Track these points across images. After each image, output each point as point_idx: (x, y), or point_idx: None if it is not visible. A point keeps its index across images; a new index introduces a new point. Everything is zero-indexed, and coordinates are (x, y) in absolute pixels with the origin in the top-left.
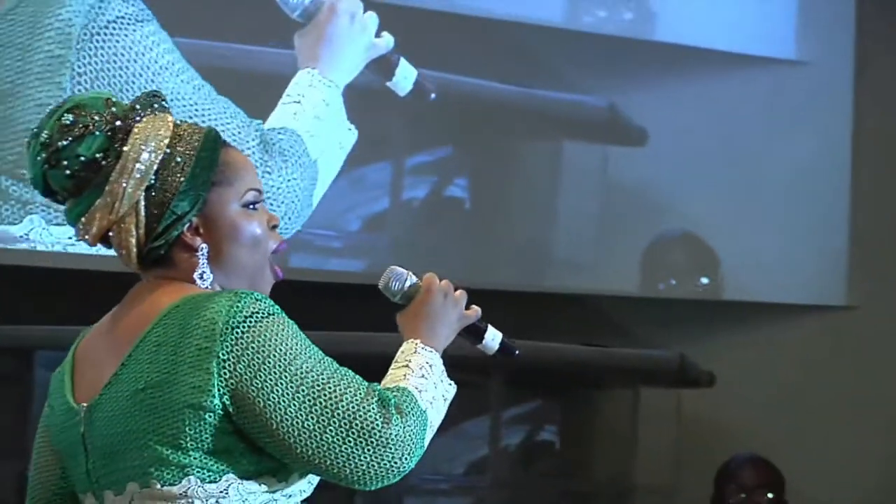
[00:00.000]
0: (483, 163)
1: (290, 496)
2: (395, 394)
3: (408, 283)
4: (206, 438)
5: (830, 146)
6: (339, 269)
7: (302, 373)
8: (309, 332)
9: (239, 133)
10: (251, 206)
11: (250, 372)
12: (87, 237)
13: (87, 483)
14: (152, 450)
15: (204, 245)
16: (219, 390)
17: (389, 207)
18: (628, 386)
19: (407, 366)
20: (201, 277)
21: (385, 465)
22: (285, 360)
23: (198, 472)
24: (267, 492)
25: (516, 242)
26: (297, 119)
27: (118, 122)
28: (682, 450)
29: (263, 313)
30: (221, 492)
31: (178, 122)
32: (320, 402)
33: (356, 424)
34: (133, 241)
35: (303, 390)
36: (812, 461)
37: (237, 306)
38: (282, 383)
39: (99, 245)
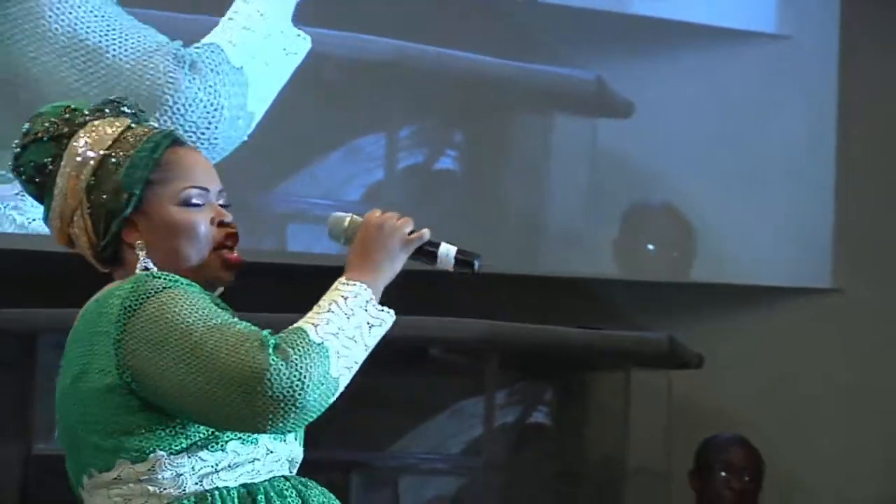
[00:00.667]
0: (476, 134)
1: (235, 466)
2: (282, 335)
3: (347, 222)
4: (124, 419)
5: (816, 126)
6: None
7: (185, 336)
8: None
9: (149, 56)
10: (193, 204)
11: (140, 346)
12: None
13: (74, 484)
14: (85, 440)
15: (140, 241)
16: (118, 369)
17: (385, 178)
18: (620, 368)
19: (318, 304)
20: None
21: (277, 405)
22: (169, 326)
23: (125, 453)
24: (204, 466)
25: (508, 214)
26: (223, 31)
27: (66, 128)
28: (673, 429)
29: (156, 289)
30: (149, 470)
31: (133, 124)
32: (202, 360)
33: (236, 375)
34: (86, 241)
35: (186, 351)
36: (799, 441)
37: (134, 288)
38: (167, 350)
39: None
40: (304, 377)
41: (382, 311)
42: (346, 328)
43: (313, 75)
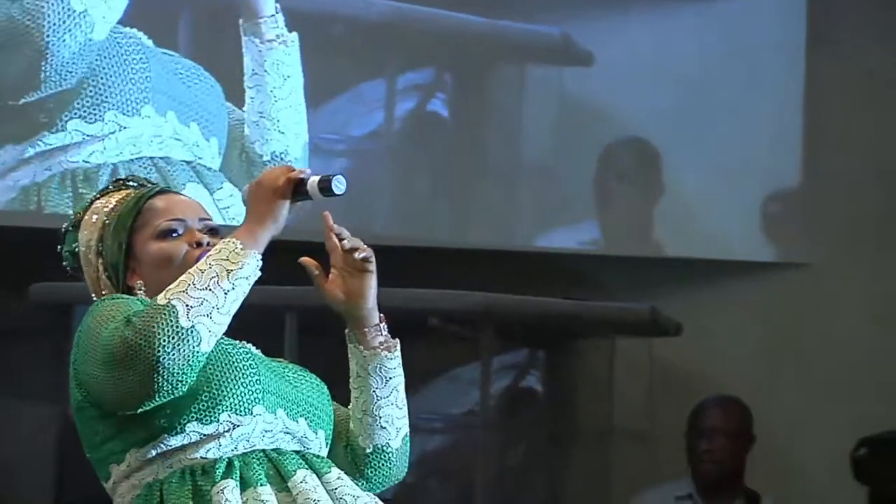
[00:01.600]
0: (460, 81)
1: (201, 444)
2: (139, 311)
3: (247, 190)
4: (98, 429)
5: (785, 94)
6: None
7: (92, 335)
8: None
9: None
10: (169, 235)
11: (77, 358)
12: None
13: None
14: (90, 457)
15: (140, 282)
16: (78, 388)
17: (383, 119)
18: (605, 336)
19: None
20: None
21: (139, 370)
22: (86, 333)
23: (111, 458)
24: (171, 449)
25: (487, 153)
26: None
27: (80, 214)
28: (654, 392)
29: (95, 308)
30: (128, 466)
31: (133, 191)
32: (97, 352)
33: (108, 357)
34: None
35: (92, 348)
36: (770, 402)
37: (86, 313)
38: (87, 356)
39: None
40: (149, 336)
41: (242, 253)
42: (198, 281)
43: (324, 32)
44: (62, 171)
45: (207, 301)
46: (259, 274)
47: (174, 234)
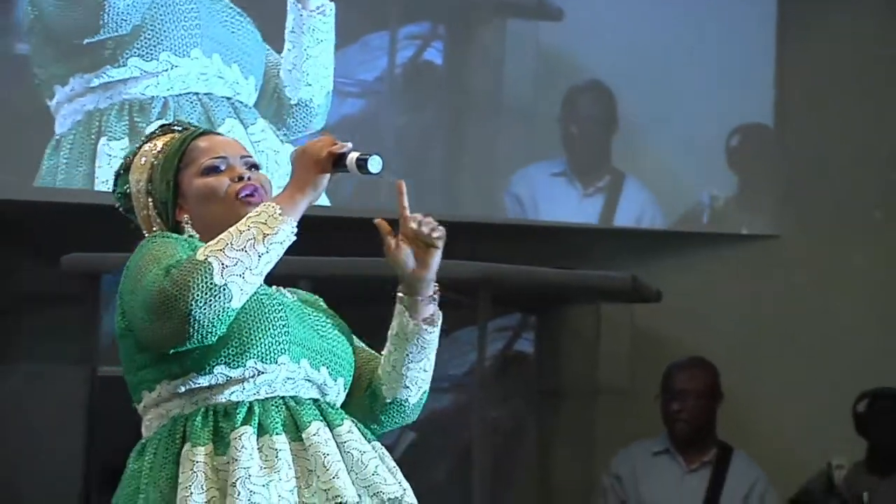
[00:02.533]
0: (451, 33)
1: (226, 386)
2: (181, 262)
3: (292, 155)
4: (136, 357)
5: (754, 72)
6: (353, 110)
7: (138, 275)
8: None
9: None
10: (213, 171)
11: (123, 292)
12: None
13: None
14: (127, 380)
15: (186, 216)
16: (121, 316)
17: (386, 65)
18: (591, 302)
19: None
20: None
21: (171, 317)
22: (133, 269)
23: (144, 385)
24: (198, 387)
25: (474, 94)
26: None
27: (132, 158)
28: (636, 354)
29: (143, 245)
30: (158, 396)
31: (176, 135)
32: (138, 294)
33: (147, 300)
34: None
35: (135, 288)
36: (744, 362)
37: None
38: (129, 290)
39: None
40: (184, 290)
41: (280, 219)
42: (236, 242)
43: None
44: (121, 100)
45: (241, 262)
46: (294, 239)
47: (218, 170)
